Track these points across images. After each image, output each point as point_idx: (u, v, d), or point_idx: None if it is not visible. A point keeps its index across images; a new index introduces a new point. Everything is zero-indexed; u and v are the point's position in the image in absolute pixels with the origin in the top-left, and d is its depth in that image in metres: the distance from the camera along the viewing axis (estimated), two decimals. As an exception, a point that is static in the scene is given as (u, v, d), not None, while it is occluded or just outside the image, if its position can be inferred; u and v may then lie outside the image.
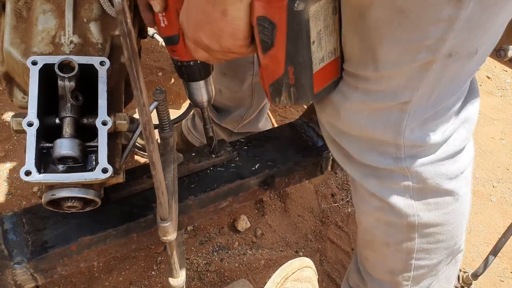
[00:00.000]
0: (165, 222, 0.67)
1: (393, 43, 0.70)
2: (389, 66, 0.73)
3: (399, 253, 0.98)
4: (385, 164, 0.86)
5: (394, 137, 0.82)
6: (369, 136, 0.84)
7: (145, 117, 0.51)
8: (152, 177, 0.59)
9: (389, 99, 0.78)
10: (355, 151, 0.87)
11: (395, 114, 0.80)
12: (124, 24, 0.42)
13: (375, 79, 0.76)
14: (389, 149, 0.85)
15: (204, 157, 1.03)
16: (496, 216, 1.70)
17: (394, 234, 0.96)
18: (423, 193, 0.89)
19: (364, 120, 0.82)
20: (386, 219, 0.94)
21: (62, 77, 0.71)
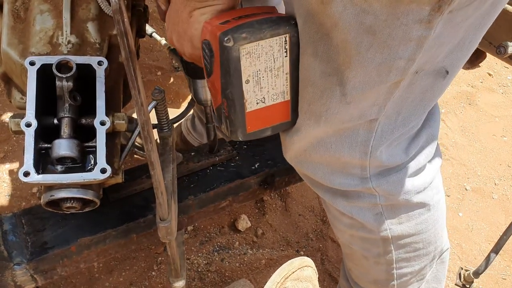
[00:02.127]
0: (164, 222, 0.67)
1: (362, 65, 0.67)
2: (358, 89, 0.70)
3: (379, 265, 0.98)
4: (352, 186, 0.85)
5: (360, 158, 0.81)
6: (334, 159, 0.82)
7: (143, 117, 0.50)
8: (151, 177, 0.59)
9: (355, 119, 0.75)
10: (320, 176, 0.86)
11: (362, 133, 0.78)
12: (121, 23, 0.41)
13: (340, 105, 0.73)
14: (354, 170, 0.83)
15: (203, 156, 1.02)
16: (498, 214, 1.69)
17: (371, 248, 0.95)
18: (392, 209, 0.89)
19: (330, 144, 0.80)
20: (360, 235, 0.94)
21: (60, 77, 0.71)
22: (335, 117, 0.74)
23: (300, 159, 0.86)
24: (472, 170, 1.85)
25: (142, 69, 1.84)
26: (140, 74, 0.57)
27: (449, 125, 1.99)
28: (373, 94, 0.71)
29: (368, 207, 0.88)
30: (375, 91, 0.71)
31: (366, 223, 0.90)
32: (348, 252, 1.02)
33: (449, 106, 2.09)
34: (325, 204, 0.96)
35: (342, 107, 0.72)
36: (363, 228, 0.91)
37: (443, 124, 1.99)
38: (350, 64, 0.67)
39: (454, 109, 2.08)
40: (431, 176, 0.90)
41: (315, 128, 0.77)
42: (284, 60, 0.72)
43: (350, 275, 1.10)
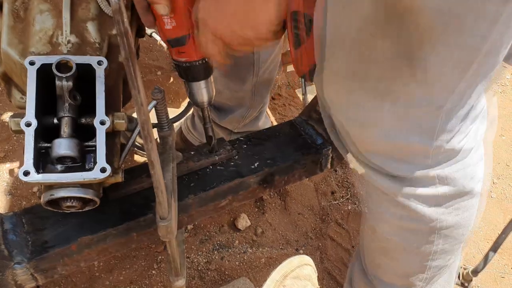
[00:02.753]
0: (164, 221, 0.67)
1: (435, 45, 0.65)
2: (429, 71, 0.69)
3: (417, 256, 0.97)
4: (414, 173, 0.84)
5: (425, 145, 0.80)
6: (399, 146, 0.81)
7: (143, 117, 0.51)
8: (151, 176, 0.59)
9: (423, 104, 0.74)
10: (382, 164, 0.85)
11: (427, 120, 0.77)
12: (121, 23, 0.42)
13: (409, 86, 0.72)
14: (418, 158, 0.82)
15: (203, 156, 1.03)
16: (497, 213, 1.70)
17: (414, 240, 0.94)
18: (447, 198, 0.88)
19: (395, 132, 0.79)
20: (408, 226, 0.92)
21: (60, 77, 0.71)
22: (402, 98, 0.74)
23: (367, 149, 0.85)
24: (471, 169, 1.85)
25: (142, 69, 1.84)
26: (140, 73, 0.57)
27: (448, 124, 1.99)
28: (444, 77, 0.71)
29: (426, 197, 0.87)
30: (447, 73, 0.70)
31: (419, 214, 0.88)
32: (384, 245, 1.00)
33: (448, 105, 2.09)
34: (370, 195, 0.94)
35: (410, 88, 0.72)
36: (415, 219, 0.90)
37: (442, 123, 2.00)
38: (422, 45, 0.66)
39: (453, 108, 2.08)
40: (479, 160, 0.90)
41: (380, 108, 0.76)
42: None
43: (375, 271, 1.07)
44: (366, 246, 1.07)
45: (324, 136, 1.14)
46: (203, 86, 0.91)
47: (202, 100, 0.93)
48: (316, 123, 1.16)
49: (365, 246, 1.08)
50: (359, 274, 1.13)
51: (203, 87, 0.91)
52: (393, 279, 1.06)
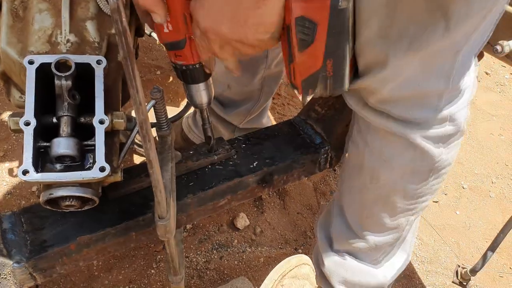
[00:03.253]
0: (163, 220, 0.67)
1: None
2: (460, 21, 0.73)
3: (411, 198, 1.01)
4: (427, 115, 0.88)
5: (442, 87, 0.84)
6: (418, 93, 0.85)
7: (142, 116, 0.51)
8: (150, 175, 0.59)
9: (448, 51, 0.79)
10: (398, 112, 0.88)
11: (448, 64, 0.81)
12: (119, 23, 0.42)
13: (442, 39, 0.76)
14: (432, 100, 0.87)
15: (202, 155, 1.03)
16: (495, 212, 1.70)
17: (415, 181, 0.99)
18: (450, 137, 0.93)
19: (418, 80, 0.82)
20: (414, 169, 0.96)
21: (59, 76, 0.71)
22: (432, 51, 0.77)
23: (383, 99, 0.87)
24: (469, 169, 1.85)
25: (141, 68, 1.84)
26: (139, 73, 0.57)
27: (447, 124, 2.00)
28: (469, 26, 0.75)
29: (435, 137, 0.91)
30: (472, 21, 0.75)
31: (429, 152, 0.92)
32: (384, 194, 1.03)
33: (447, 104, 2.09)
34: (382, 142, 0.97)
35: (442, 40, 0.75)
36: (423, 159, 0.94)
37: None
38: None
39: (452, 108, 2.08)
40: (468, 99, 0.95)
41: (411, 64, 0.80)
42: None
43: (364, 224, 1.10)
44: (355, 201, 1.09)
45: (323, 135, 1.14)
46: (202, 88, 0.91)
47: (201, 102, 0.93)
48: (315, 122, 1.16)
49: (354, 201, 1.10)
50: (342, 231, 1.14)
51: (202, 89, 0.91)
52: (383, 228, 1.08)
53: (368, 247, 1.12)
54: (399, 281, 1.44)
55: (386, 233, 1.09)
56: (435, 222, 1.64)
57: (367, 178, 1.02)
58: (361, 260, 1.15)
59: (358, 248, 1.13)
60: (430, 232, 1.61)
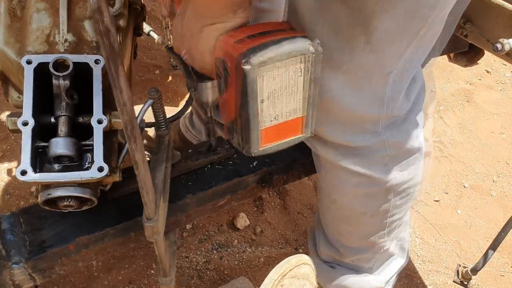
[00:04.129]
0: (150, 221, 0.67)
1: (389, 13, 0.69)
2: (383, 38, 0.72)
3: (376, 217, 1.01)
4: (365, 141, 0.87)
5: (376, 111, 0.83)
6: (350, 115, 0.84)
7: (126, 117, 0.50)
8: (136, 176, 0.58)
9: (376, 72, 0.78)
10: (335, 136, 0.88)
11: (379, 87, 0.80)
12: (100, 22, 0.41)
13: (363, 53, 0.75)
14: (369, 126, 0.86)
15: (201, 155, 1.02)
16: (496, 211, 1.70)
17: (372, 203, 0.98)
18: (397, 157, 0.92)
19: (350, 100, 0.81)
20: (365, 192, 0.96)
21: (57, 76, 0.71)
22: (356, 66, 0.77)
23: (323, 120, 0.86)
24: (470, 168, 1.85)
25: (140, 68, 1.84)
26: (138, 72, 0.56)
27: (447, 122, 2.00)
28: (395, 44, 0.75)
29: (377, 160, 0.91)
30: (398, 40, 0.74)
31: (374, 177, 0.92)
32: (345, 214, 1.03)
33: (447, 103, 2.09)
34: (326, 168, 0.97)
35: (364, 56, 0.75)
36: (371, 182, 0.93)
37: (441, 122, 2.00)
38: (378, 13, 0.69)
39: (453, 106, 2.08)
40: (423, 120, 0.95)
41: (336, 80, 0.79)
42: (299, 79, 0.72)
43: (338, 239, 1.10)
44: (326, 218, 1.10)
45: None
46: (209, 86, 0.91)
47: (207, 100, 0.92)
48: (315, 121, 1.16)
49: (326, 218, 1.10)
50: (324, 243, 1.15)
51: (209, 87, 0.91)
52: (356, 243, 1.09)
53: (352, 259, 1.12)
54: (400, 281, 1.44)
55: (363, 248, 1.09)
56: (436, 221, 1.64)
57: (326, 199, 1.04)
58: (351, 269, 1.15)
59: (341, 260, 1.14)
60: (431, 231, 1.60)
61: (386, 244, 1.10)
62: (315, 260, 1.19)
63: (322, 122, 0.86)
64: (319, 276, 1.18)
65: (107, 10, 0.41)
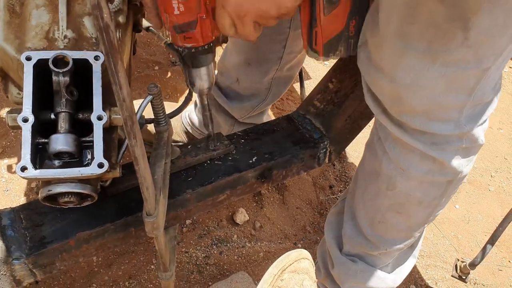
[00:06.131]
0: (150, 217, 0.67)
1: (490, 12, 0.67)
2: (481, 35, 0.71)
3: (429, 208, 1.01)
4: (447, 130, 0.87)
5: (463, 99, 0.83)
6: (437, 105, 0.83)
7: (126, 113, 0.50)
8: (136, 172, 0.59)
9: (471, 67, 0.77)
10: (417, 124, 0.87)
11: (473, 80, 0.79)
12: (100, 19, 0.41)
13: (461, 49, 0.74)
14: (452, 114, 0.85)
15: (201, 150, 1.03)
16: (494, 206, 1.70)
17: (433, 192, 0.98)
18: (469, 151, 0.92)
19: (437, 91, 0.81)
20: (432, 180, 0.95)
21: (57, 72, 0.71)
22: (453, 59, 0.76)
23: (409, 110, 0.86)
24: (469, 162, 1.85)
25: (140, 64, 1.84)
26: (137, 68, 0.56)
27: (446, 118, 2.00)
28: (495, 42, 0.73)
29: (452, 150, 0.91)
30: (497, 38, 0.72)
31: (448, 166, 0.92)
32: (400, 201, 1.02)
33: (446, 98, 2.09)
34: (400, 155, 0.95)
35: (462, 50, 0.74)
36: (442, 171, 0.93)
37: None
38: (478, 10, 0.67)
39: (451, 102, 2.08)
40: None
41: (430, 70, 0.78)
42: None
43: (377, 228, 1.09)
44: (369, 206, 1.08)
45: (322, 130, 1.14)
46: (204, 72, 0.90)
47: (202, 86, 0.92)
48: (314, 117, 1.16)
49: (368, 206, 1.08)
50: (353, 235, 1.14)
51: (204, 73, 0.90)
52: (395, 234, 1.08)
53: (379, 253, 1.12)
54: (399, 275, 1.44)
55: (398, 239, 1.08)
56: (435, 216, 1.64)
57: (383, 185, 1.01)
58: (371, 265, 1.15)
59: (369, 253, 1.13)
60: (429, 226, 1.61)
61: (418, 238, 1.10)
62: (335, 253, 1.18)
63: (407, 114, 0.86)
64: (338, 268, 1.17)
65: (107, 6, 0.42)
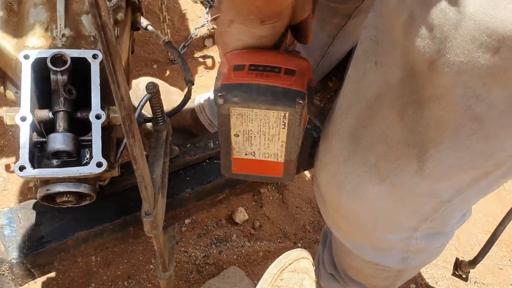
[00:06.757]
0: (149, 217, 0.67)
1: (455, 149, 0.59)
2: (440, 169, 0.63)
3: (386, 281, 0.99)
4: (393, 241, 0.82)
5: (417, 223, 0.77)
6: (386, 219, 0.77)
7: (124, 112, 0.50)
8: (135, 172, 0.58)
9: (426, 196, 0.70)
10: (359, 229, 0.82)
11: (428, 208, 0.73)
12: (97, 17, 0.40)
13: (414, 176, 0.66)
14: (404, 232, 0.79)
15: (200, 149, 1.02)
16: (495, 204, 1.70)
17: (382, 274, 0.96)
18: (421, 251, 0.87)
19: (385, 206, 0.74)
20: (377, 268, 0.93)
21: (55, 71, 0.71)
22: (403, 186, 0.68)
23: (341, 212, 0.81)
24: (468, 161, 1.85)
25: (138, 62, 1.83)
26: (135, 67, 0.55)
27: (446, 116, 2.00)
28: (457, 178, 0.65)
29: (397, 254, 0.86)
30: (461, 175, 0.64)
31: (390, 266, 0.88)
32: (355, 268, 1.01)
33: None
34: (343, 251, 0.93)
35: (415, 179, 0.66)
36: (383, 267, 0.90)
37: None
38: (441, 143, 0.59)
39: (451, 100, 2.08)
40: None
41: (375, 187, 0.71)
42: (281, 130, 0.69)
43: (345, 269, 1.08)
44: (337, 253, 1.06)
45: (321, 129, 1.13)
46: None
47: None
48: (313, 116, 1.15)
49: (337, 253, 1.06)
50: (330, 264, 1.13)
51: None
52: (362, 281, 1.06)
53: None
54: (399, 274, 1.44)
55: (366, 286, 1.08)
56: (434, 215, 1.64)
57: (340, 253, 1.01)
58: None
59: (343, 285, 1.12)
60: (429, 225, 1.61)
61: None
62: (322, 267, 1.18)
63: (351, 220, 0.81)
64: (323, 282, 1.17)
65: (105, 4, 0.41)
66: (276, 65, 0.67)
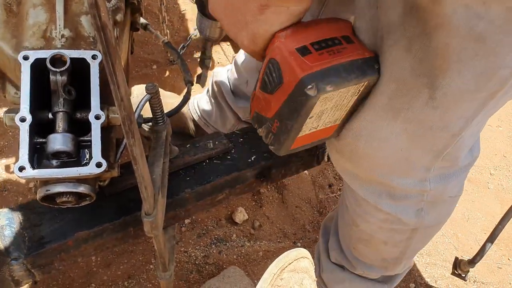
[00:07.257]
0: (149, 217, 0.67)
1: (461, 72, 0.61)
2: (449, 96, 0.65)
3: (397, 247, 0.99)
4: (409, 186, 0.82)
5: (430, 161, 0.77)
6: (400, 160, 0.77)
7: (124, 112, 0.50)
8: (135, 172, 0.59)
9: (438, 130, 0.71)
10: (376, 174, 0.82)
11: (440, 143, 0.74)
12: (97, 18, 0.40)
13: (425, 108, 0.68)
14: (419, 172, 0.80)
15: (199, 149, 1.02)
16: (494, 204, 1.70)
17: (396, 236, 0.96)
18: (434, 203, 0.88)
19: (400, 144, 0.75)
20: (391, 228, 0.93)
21: (54, 72, 0.71)
22: (416, 118, 0.70)
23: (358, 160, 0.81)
24: (468, 160, 1.85)
25: (137, 63, 1.83)
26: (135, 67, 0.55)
27: (445, 116, 2.00)
28: (464, 104, 0.67)
29: (412, 205, 0.86)
30: (468, 101, 0.66)
31: (404, 219, 0.88)
32: (365, 238, 1.01)
33: (445, 96, 2.09)
34: (355, 198, 0.93)
35: (426, 110, 0.68)
36: (398, 222, 0.90)
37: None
38: (447, 70, 0.62)
39: (450, 100, 2.08)
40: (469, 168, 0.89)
41: (390, 125, 0.72)
42: (352, 99, 0.69)
43: (353, 253, 1.09)
44: (344, 233, 1.09)
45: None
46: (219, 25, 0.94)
47: (213, 36, 0.97)
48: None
49: (344, 233, 1.09)
50: (337, 251, 1.14)
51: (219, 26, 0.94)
52: (371, 261, 1.08)
53: (360, 272, 1.12)
54: (398, 274, 1.44)
55: (375, 267, 1.09)
56: (434, 214, 1.64)
57: (349, 219, 1.02)
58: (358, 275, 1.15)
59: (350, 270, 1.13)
60: (428, 224, 1.61)
61: (399, 266, 1.09)
62: (325, 259, 1.19)
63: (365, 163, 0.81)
64: (326, 274, 1.18)
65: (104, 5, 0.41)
66: (331, 36, 0.66)
